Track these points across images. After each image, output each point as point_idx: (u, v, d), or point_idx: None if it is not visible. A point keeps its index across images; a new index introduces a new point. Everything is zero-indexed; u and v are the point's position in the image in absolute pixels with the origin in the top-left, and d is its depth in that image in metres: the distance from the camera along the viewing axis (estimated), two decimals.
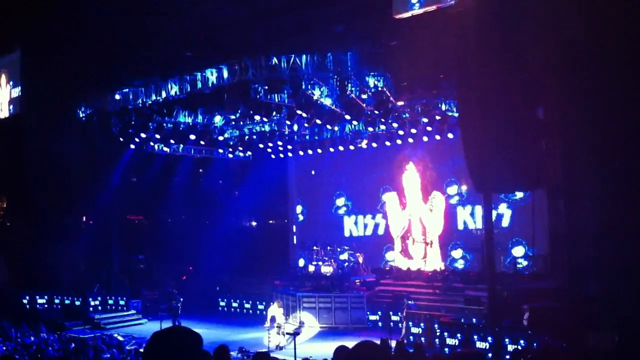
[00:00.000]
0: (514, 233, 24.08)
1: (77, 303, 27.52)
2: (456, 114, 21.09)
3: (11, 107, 27.14)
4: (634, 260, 9.21)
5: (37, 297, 28.24)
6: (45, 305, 28.16)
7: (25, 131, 26.00)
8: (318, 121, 22.59)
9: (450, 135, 23.82)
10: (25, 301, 28.14)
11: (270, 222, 35.67)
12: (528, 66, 11.76)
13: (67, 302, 27.88)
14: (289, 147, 29.85)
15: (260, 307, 26.92)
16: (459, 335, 18.05)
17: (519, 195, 23.89)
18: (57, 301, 28.15)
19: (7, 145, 27.20)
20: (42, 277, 28.14)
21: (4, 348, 16.42)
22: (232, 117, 24.29)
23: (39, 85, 24.97)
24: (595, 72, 10.49)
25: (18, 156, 26.53)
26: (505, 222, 24.42)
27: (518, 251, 23.76)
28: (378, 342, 14.66)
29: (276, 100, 21.04)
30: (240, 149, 30.63)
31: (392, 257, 28.30)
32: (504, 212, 24.44)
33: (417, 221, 27.27)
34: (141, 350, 19.19)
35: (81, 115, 24.79)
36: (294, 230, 32.88)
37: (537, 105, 13.97)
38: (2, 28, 23.95)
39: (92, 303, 27.32)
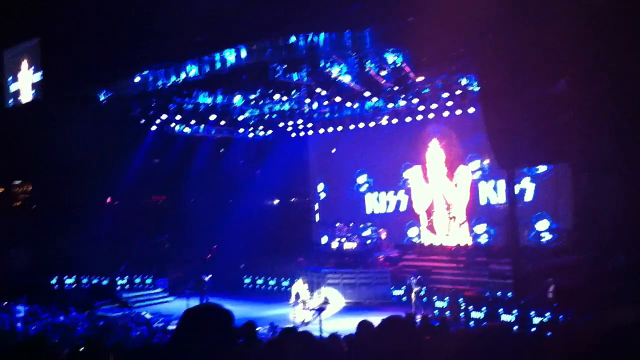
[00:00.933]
0: (538, 207, 23.91)
1: (105, 283, 27.98)
2: (477, 89, 20.94)
3: (34, 91, 27.45)
4: None
5: (65, 278, 28.72)
6: (74, 286, 28.66)
7: (48, 115, 26.28)
8: (338, 99, 22.57)
9: (471, 110, 23.66)
10: (53, 282, 28.66)
11: (292, 200, 35.81)
12: (550, 40, 11.63)
13: (94, 282, 28.35)
14: (309, 125, 29.83)
15: (285, 284, 27.15)
16: (483, 309, 18.10)
17: (542, 168, 23.70)
18: (84, 282, 28.63)
19: (31, 130, 27.55)
20: (69, 259, 28.60)
21: (34, 328, 16.80)
22: (252, 96, 24.35)
23: (59, 70, 25.18)
24: (620, 45, 10.36)
25: (41, 140, 26.84)
26: (528, 197, 24.24)
27: (542, 225, 23.62)
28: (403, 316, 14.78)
29: (295, 79, 21.00)
30: (261, 128, 30.70)
31: (415, 234, 28.31)
32: (527, 186, 24.26)
33: (441, 197, 27.22)
34: (169, 327, 19.54)
35: (102, 99, 24.98)
36: (316, 208, 32.96)
37: (559, 78, 13.85)
38: (21, 14, 24.15)
39: (120, 282, 27.74)
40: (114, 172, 28.57)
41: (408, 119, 26.42)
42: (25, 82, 27.77)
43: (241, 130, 30.45)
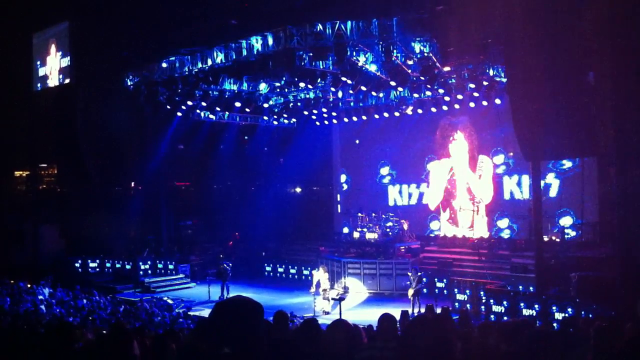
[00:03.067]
0: (562, 203, 23.68)
1: (128, 267, 28.25)
2: (504, 80, 20.71)
3: (61, 76, 27.72)
4: None
5: (89, 261, 29.07)
6: (97, 270, 29.01)
7: (75, 100, 26.52)
8: (363, 88, 22.51)
9: (497, 101, 23.43)
10: (77, 265, 29.02)
11: (315, 189, 35.87)
12: (579, 31, 11.45)
13: (117, 266, 28.65)
14: (334, 114, 29.79)
15: (306, 272, 27.20)
16: (505, 302, 17.97)
17: (567, 164, 23.48)
18: (108, 265, 28.95)
19: (58, 114, 27.86)
20: (93, 242, 28.92)
21: (57, 311, 17.00)
22: (277, 84, 24.34)
23: (87, 55, 25.40)
24: None
25: (69, 124, 27.13)
26: (552, 192, 24.01)
27: (565, 221, 23.39)
28: (423, 309, 14.76)
29: (321, 67, 20.94)
30: (285, 116, 30.76)
31: (437, 227, 28.21)
32: (552, 182, 24.01)
33: (465, 189, 27.04)
34: (190, 313, 19.70)
35: (129, 84, 25.15)
36: (338, 198, 32.94)
37: (587, 70, 13.64)
38: None
39: (142, 267, 27.93)
40: (140, 157, 28.79)
41: (433, 109, 26.25)
42: (53, 67, 28.08)
43: (265, 117, 30.49)
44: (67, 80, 27.02)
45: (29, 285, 21.12)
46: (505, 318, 16.93)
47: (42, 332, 9.84)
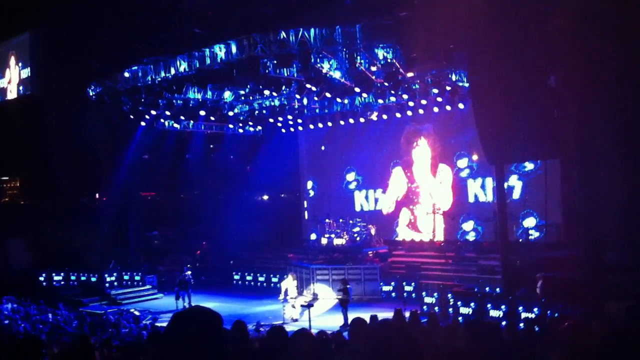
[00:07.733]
0: (525, 205, 24.00)
1: (94, 279, 27.80)
2: (467, 85, 20.96)
3: (21, 87, 27.26)
4: None
5: (54, 274, 28.50)
6: (62, 283, 28.46)
7: (38, 111, 26.11)
8: (328, 95, 22.57)
9: (461, 106, 23.72)
10: (42, 279, 28.43)
11: (282, 196, 35.85)
12: (542, 35, 11.62)
13: (83, 278, 28.15)
14: (299, 121, 29.82)
15: (274, 280, 27.12)
16: (472, 304, 18.15)
17: (530, 166, 23.84)
18: (73, 278, 28.43)
19: (19, 126, 27.36)
20: (59, 255, 28.41)
21: (22, 325, 16.68)
22: (242, 92, 24.28)
23: (49, 66, 25.01)
24: (610, 39, 10.39)
25: (31, 136, 26.67)
26: (516, 194, 24.34)
27: (529, 222, 23.73)
28: (392, 313, 14.80)
29: (285, 75, 20.96)
30: (251, 124, 30.70)
31: (403, 231, 28.40)
32: (515, 184, 24.35)
33: (427, 194, 27.27)
34: (157, 324, 19.48)
35: (92, 95, 24.81)
36: (305, 205, 32.96)
37: (550, 73, 13.87)
38: (12, 10, 23.97)
39: (108, 279, 27.54)
40: (106, 168, 28.45)
41: (398, 115, 26.48)
42: (13, 79, 27.61)
43: (231, 125, 30.40)
44: (27, 92, 26.57)
45: None
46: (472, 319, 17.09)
47: (10, 348, 9.65)
